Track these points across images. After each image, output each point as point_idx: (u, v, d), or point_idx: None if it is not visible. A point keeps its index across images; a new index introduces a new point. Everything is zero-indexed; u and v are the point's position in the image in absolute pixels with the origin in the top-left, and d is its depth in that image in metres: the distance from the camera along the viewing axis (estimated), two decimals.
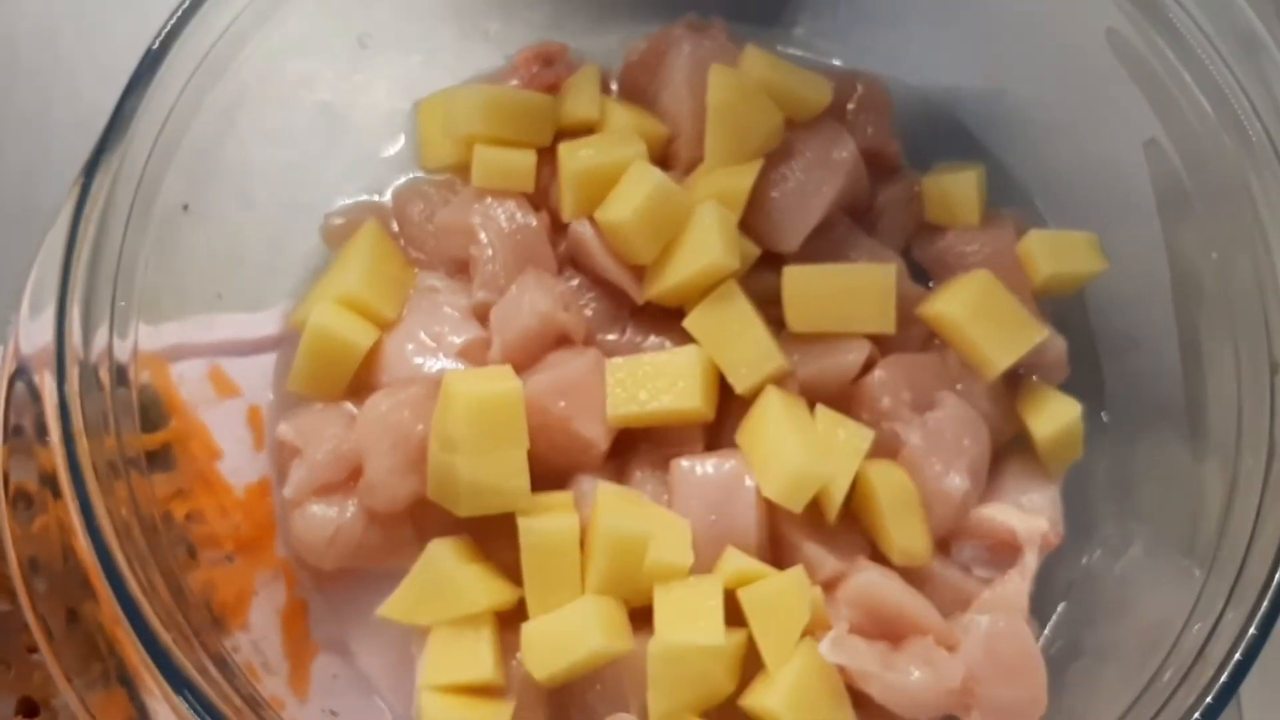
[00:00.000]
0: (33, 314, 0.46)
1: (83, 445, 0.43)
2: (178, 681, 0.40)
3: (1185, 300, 0.53)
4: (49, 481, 0.44)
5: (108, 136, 0.46)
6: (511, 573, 0.50)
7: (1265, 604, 0.42)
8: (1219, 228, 0.50)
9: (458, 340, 0.53)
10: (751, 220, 0.53)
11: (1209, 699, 0.41)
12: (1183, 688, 0.43)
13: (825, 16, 0.62)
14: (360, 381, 0.53)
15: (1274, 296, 0.47)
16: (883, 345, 0.53)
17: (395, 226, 0.58)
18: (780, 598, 0.47)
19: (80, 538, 0.42)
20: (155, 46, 0.48)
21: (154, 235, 0.49)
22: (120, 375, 0.47)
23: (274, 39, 0.53)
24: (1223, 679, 0.41)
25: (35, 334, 0.45)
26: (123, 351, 0.48)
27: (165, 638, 0.41)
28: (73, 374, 0.44)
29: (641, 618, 0.48)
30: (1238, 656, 0.41)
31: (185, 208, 0.51)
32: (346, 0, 0.58)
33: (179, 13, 0.48)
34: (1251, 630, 0.41)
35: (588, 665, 0.47)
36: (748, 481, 0.49)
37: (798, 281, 0.52)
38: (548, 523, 0.48)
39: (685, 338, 0.52)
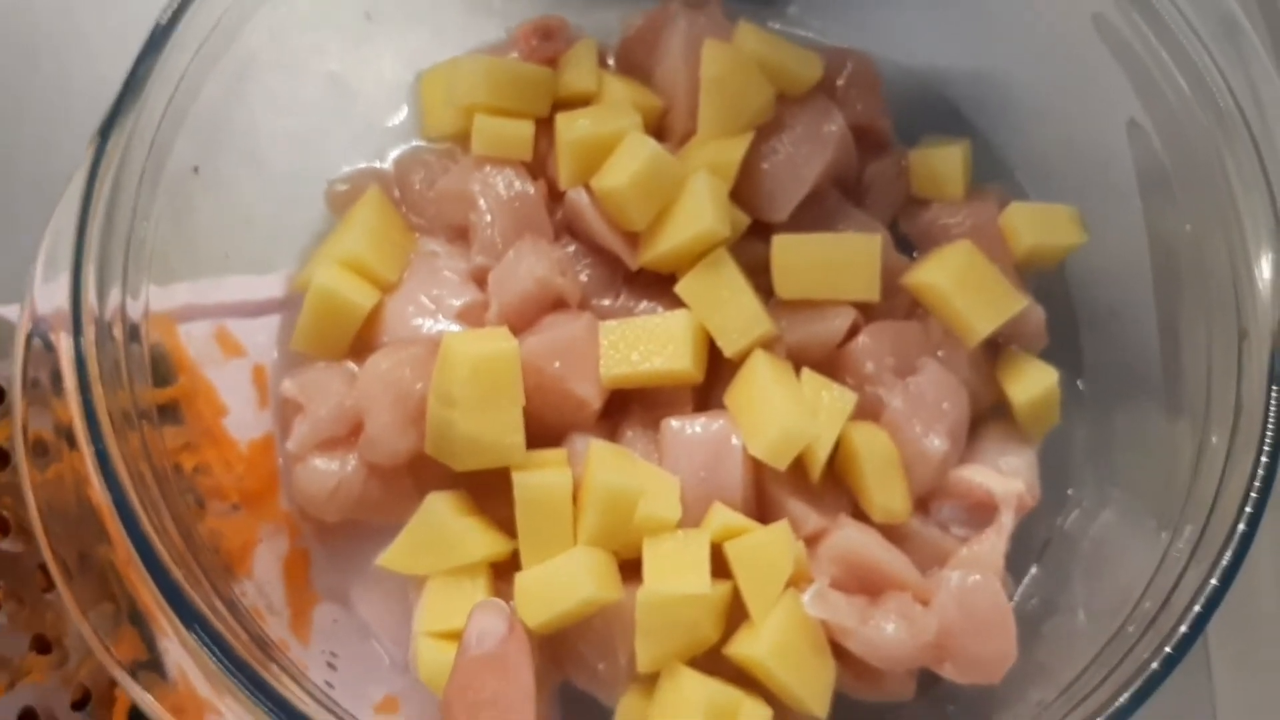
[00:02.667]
0: (48, 274, 0.46)
1: (98, 392, 0.44)
2: (189, 616, 0.42)
3: (1162, 272, 0.54)
4: (64, 432, 0.45)
5: (123, 98, 0.47)
6: (506, 526, 0.51)
7: (1225, 560, 0.44)
8: (1195, 203, 0.51)
9: (456, 303, 0.54)
10: (742, 190, 0.55)
11: (1168, 648, 0.43)
12: (1144, 639, 0.44)
13: None
14: (362, 342, 0.55)
15: (1244, 265, 0.48)
16: (867, 313, 0.55)
17: (397, 193, 0.59)
18: (764, 551, 0.49)
19: (94, 480, 0.43)
20: (168, 13, 0.49)
21: (165, 197, 0.50)
22: (133, 332, 0.48)
23: (282, 10, 0.54)
24: (1182, 629, 0.43)
25: (52, 293, 0.46)
26: (135, 310, 0.49)
27: (176, 573, 0.42)
28: (89, 330, 0.45)
29: (631, 570, 0.50)
30: (1197, 608, 0.43)
31: (196, 170, 0.52)
32: None
33: None
34: (1213, 581, 0.43)
35: (579, 613, 0.49)
36: (735, 441, 0.51)
37: (786, 250, 0.53)
38: (542, 477, 0.50)
39: (677, 303, 0.53)
